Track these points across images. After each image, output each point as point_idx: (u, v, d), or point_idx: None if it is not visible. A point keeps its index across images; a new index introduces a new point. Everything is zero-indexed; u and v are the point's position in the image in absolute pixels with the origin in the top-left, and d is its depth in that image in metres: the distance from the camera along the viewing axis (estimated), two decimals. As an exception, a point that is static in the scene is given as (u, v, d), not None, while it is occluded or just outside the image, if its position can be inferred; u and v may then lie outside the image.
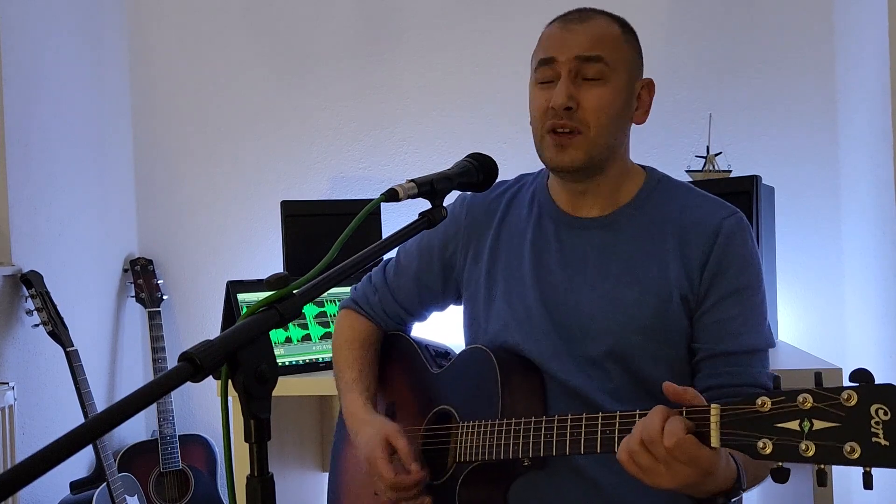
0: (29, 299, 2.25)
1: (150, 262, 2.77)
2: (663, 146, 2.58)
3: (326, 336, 2.12)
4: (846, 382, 0.87)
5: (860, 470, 0.86)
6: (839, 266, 2.54)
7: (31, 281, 2.23)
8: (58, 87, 2.49)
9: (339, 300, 2.16)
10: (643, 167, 1.38)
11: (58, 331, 2.25)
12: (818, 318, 2.54)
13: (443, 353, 1.53)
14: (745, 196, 2.04)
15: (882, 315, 2.23)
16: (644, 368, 1.27)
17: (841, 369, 1.78)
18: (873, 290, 2.30)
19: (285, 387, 1.92)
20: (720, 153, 2.41)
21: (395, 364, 1.55)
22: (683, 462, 0.97)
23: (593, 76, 1.26)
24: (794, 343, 2.37)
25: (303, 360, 2.06)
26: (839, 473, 2.22)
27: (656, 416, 1.00)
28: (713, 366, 1.25)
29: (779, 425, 0.89)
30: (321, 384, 2.01)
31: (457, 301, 1.50)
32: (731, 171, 2.37)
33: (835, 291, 2.54)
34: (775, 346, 1.32)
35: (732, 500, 1.05)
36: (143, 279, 2.72)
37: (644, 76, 1.35)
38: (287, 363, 2.03)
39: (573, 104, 1.25)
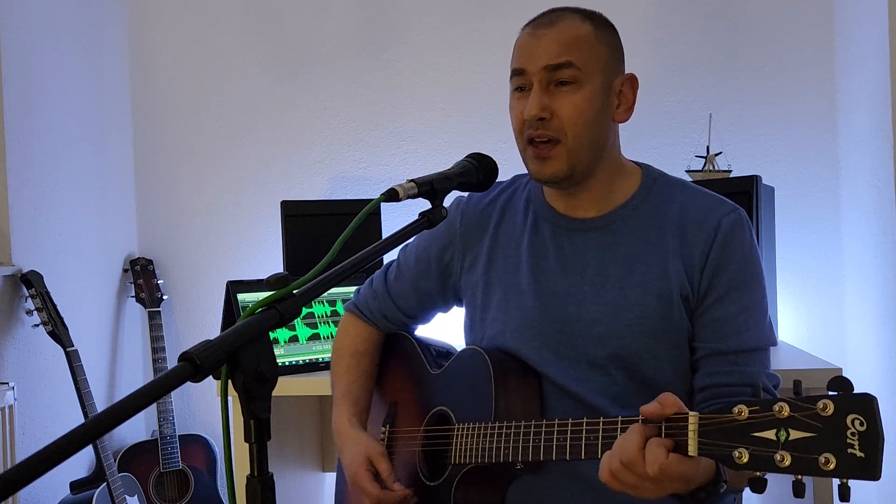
0: (29, 299, 2.25)
1: (150, 262, 2.77)
2: (663, 146, 2.58)
3: (314, 338, 2.11)
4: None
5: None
6: (839, 266, 2.54)
7: (31, 281, 2.23)
8: (58, 87, 2.49)
9: (327, 302, 2.16)
10: (639, 164, 1.37)
11: (58, 331, 2.25)
12: (818, 318, 2.54)
13: (444, 353, 1.53)
14: (745, 196, 2.04)
15: (882, 315, 2.23)
16: (647, 370, 1.26)
17: (841, 369, 1.78)
18: (873, 289, 2.30)
19: (285, 387, 1.92)
20: (720, 153, 2.40)
21: (396, 364, 1.55)
22: (668, 480, 0.98)
23: (566, 80, 1.24)
24: (794, 343, 2.37)
25: (302, 360, 2.06)
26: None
27: (633, 438, 0.99)
28: (712, 364, 1.24)
29: (755, 435, 0.88)
30: (321, 384, 2.01)
31: (459, 304, 1.49)
32: (731, 171, 2.37)
33: (835, 291, 2.54)
34: (777, 345, 1.31)
35: (721, 491, 1.04)
36: (143, 279, 2.72)
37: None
38: (287, 363, 2.03)
39: (546, 114, 1.24)
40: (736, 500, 1.41)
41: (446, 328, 1.63)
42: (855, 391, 0.84)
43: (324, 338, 2.12)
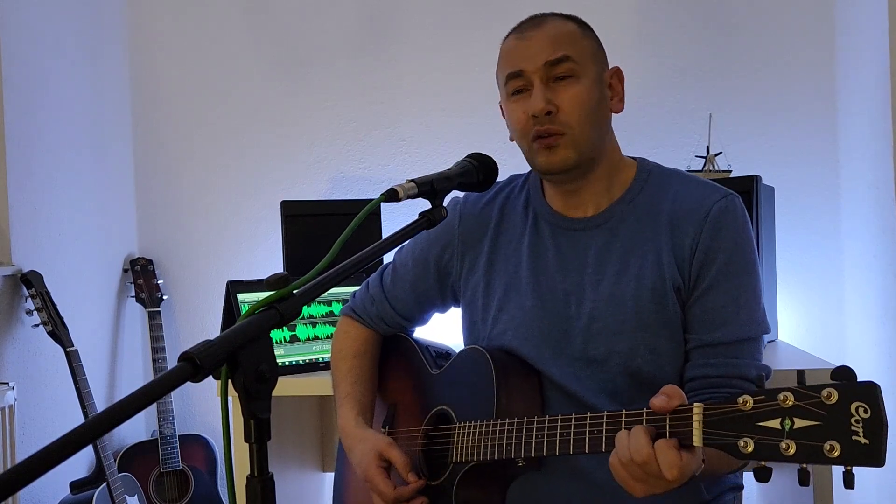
0: (29, 299, 2.25)
1: (150, 262, 2.77)
2: (663, 146, 2.58)
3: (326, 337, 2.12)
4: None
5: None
6: (839, 266, 2.54)
7: (31, 281, 2.23)
8: (58, 87, 2.49)
9: (342, 301, 2.17)
10: (634, 158, 1.38)
11: (58, 331, 2.25)
12: (818, 318, 2.54)
13: (443, 354, 1.53)
14: (745, 196, 2.04)
15: (882, 315, 2.23)
16: (644, 365, 1.26)
17: (841, 369, 1.77)
18: (873, 289, 2.30)
19: (285, 387, 1.92)
20: (720, 153, 2.41)
21: (395, 365, 1.55)
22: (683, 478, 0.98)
23: (564, 74, 1.27)
24: (794, 343, 2.37)
25: (303, 360, 2.06)
26: (837, 470, 2.21)
27: (642, 438, 0.99)
28: (701, 356, 1.25)
29: (760, 424, 0.89)
30: (321, 384, 2.01)
31: (457, 304, 1.50)
32: (731, 171, 2.37)
33: (835, 291, 2.54)
34: (770, 332, 1.30)
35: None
36: (143, 279, 2.72)
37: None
38: (287, 363, 2.03)
39: (552, 108, 1.26)
40: (735, 499, 1.41)
41: (443, 329, 1.64)
42: (859, 380, 0.85)
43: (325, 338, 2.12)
